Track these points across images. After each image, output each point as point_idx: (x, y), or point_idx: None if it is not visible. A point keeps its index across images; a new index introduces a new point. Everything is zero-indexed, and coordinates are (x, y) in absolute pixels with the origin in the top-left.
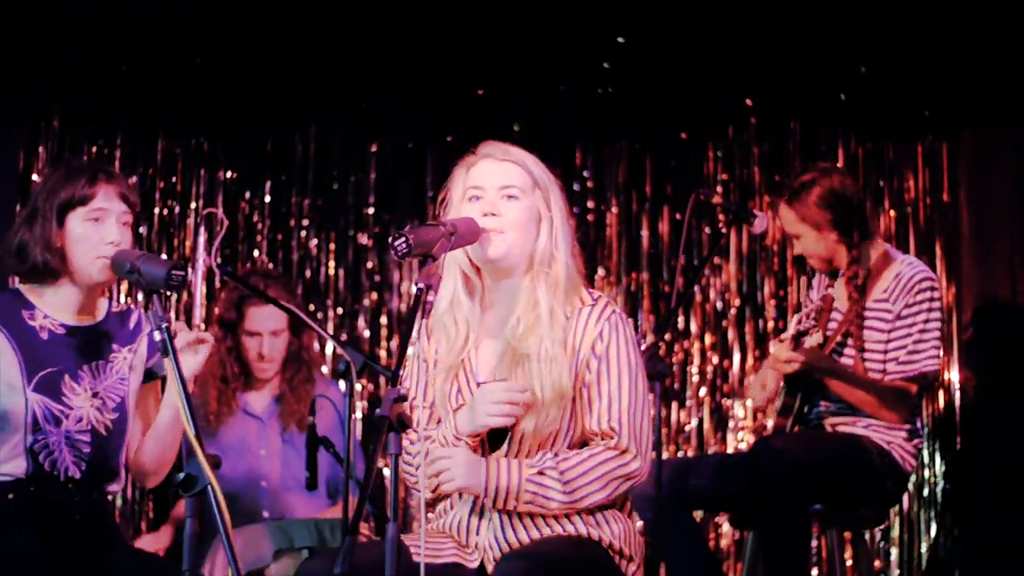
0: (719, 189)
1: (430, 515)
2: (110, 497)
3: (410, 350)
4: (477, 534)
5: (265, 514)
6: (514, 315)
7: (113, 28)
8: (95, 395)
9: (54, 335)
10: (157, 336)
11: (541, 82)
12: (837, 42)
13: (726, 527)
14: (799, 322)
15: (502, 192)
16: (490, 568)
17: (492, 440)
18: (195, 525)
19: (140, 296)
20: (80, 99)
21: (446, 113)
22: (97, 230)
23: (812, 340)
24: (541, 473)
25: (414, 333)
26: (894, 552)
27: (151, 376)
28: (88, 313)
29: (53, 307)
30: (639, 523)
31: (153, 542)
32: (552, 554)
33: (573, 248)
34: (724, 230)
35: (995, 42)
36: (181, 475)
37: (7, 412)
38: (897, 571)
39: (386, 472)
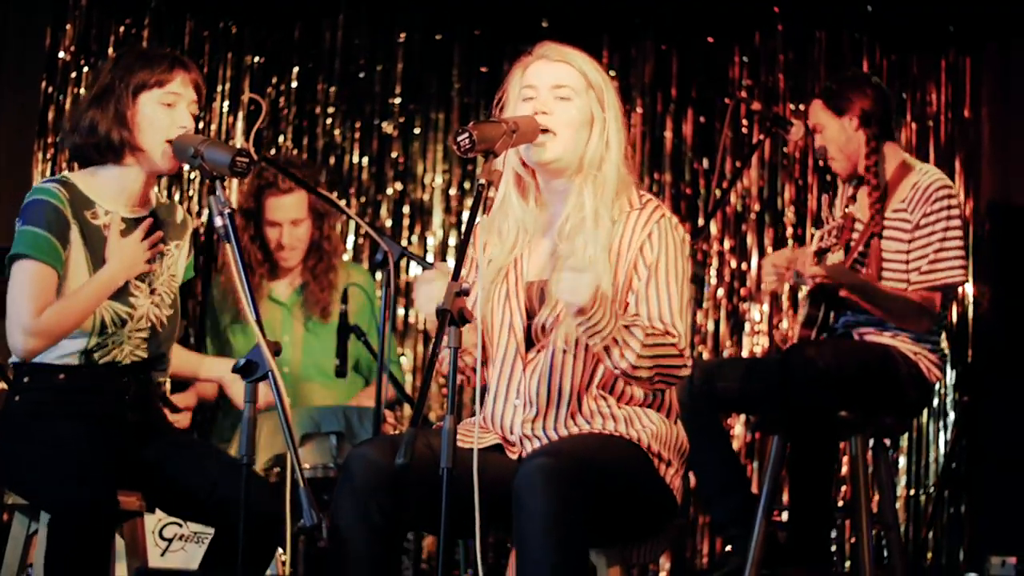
0: (743, 95)
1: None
2: (158, 385)
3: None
4: (512, 432)
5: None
6: (563, 216)
7: None
8: (153, 291)
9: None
10: (219, 222)
11: None
12: None
13: (738, 429)
14: (821, 239)
15: (555, 92)
16: None
17: (529, 338)
18: (254, 411)
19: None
20: None
21: (474, 6)
22: (169, 114)
23: (834, 257)
24: (628, 328)
25: (474, 230)
26: (902, 460)
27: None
28: (143, 204)
29: (110, 199)
30: None
31: (182, 400)
32: (582, 451)
33: (626, 151)
34: (761, 136)
35: None
36: (242, 360)
37: None
38: (904, 479)
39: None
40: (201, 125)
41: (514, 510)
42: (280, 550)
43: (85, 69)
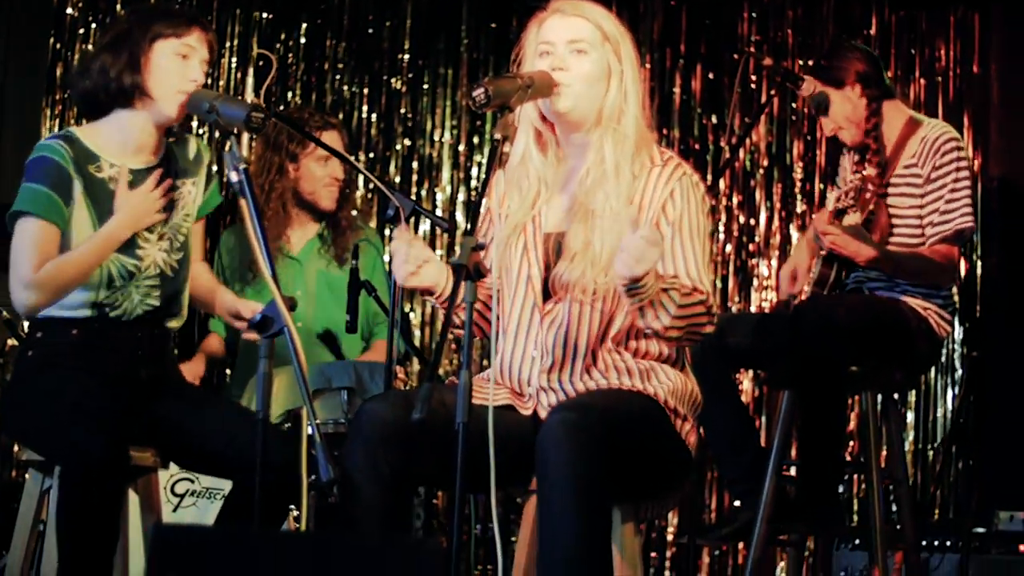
0: (752, 50)
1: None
2: (173, 337)
3: (484, 202)
4: (529, 384)
5: None
6: (583, 169)
7: None
8: (161, 237)
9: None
10: (235, 177)
11: None
12: None
13: (746, 384)
14: (838, 199)
15: (571, 47)
16: (544, 416)
17: (546, 290)
18: (269, 366)
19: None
20: None
21: None
22: (182, 65)
23: (851, 219)
24: (667, 291)
25: (490, 184)
26: (910, 416)
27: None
28: (151, 153)
29: (115, 151)
30: None
31: (191, 370)
32: (605, 406)
33: (644, 103)
34: (772, 93)
35: None
36: (258, 316)
37: None
38: (912, 434)
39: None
40: (209, 81)
41: (537, 465)
42: (293, 509)
43: (93, 26)
